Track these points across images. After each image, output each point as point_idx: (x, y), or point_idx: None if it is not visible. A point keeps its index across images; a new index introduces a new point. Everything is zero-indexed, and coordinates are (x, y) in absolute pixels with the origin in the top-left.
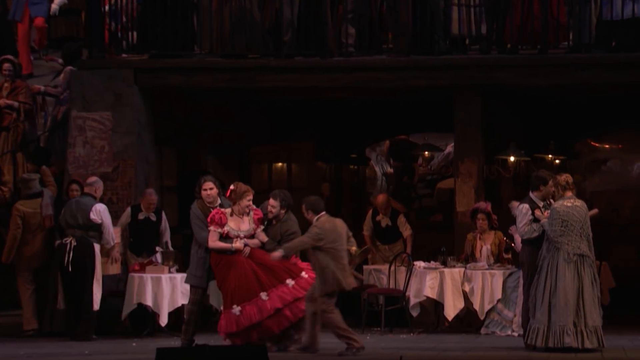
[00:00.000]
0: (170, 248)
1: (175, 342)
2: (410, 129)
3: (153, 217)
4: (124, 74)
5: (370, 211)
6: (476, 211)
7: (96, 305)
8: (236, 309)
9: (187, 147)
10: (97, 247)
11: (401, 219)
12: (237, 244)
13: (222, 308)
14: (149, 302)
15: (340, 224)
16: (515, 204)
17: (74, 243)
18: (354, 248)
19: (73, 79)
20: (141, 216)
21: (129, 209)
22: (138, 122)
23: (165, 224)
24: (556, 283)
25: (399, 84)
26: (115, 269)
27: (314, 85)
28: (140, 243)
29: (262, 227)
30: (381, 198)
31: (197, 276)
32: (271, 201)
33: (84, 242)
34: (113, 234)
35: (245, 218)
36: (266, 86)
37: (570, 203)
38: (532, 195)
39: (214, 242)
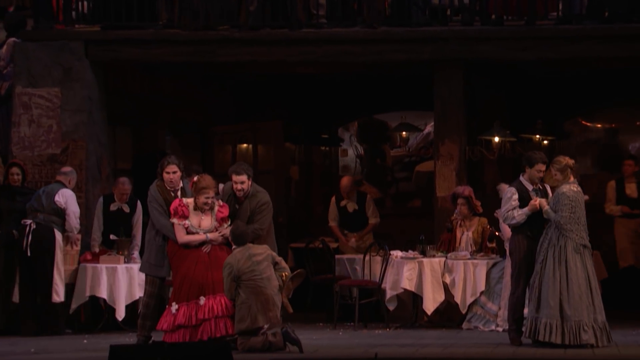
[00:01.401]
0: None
1: (130, 339)
2: (386, 107)
3: (126, 208)
4: (74, 47)
5: (334, 197)
6: (456, 196)
7: (58, 297)
8: (174, 307)
9: (144, 126)
10: (58, 234)
11: (369, 202)
12: (213, 235)
13: None
14: (103, 294)
15: (260, 250)
16: (504, 186)
17: (33, 226)
18: (285, 274)
19: (17, 52)
20: (114, 207)
21: (100, 200)
22: (89, 99)
23: (138, 215)
24: (567, 275)
25: (374, 58)
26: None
27: (281, 59)
28: (113, 233)
29: (226, 225)
30: (345, 181)
31: (154, 265)
32: (237, 177)
33: (44, 226)
34: (77, 222)
35: (208, 214)
36: (230, 60)
37: (576, 188)
38: (521, 178)
39: (182, 237)
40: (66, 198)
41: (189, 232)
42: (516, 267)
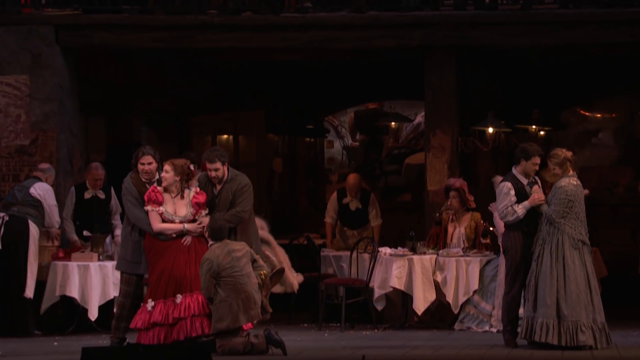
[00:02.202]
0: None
1: (104, 341)
2: (374, 96)
3: (101, 195)
4: (43, 32)
5: (335, 193)
6: (448, 189)
7: (29, 292)
8: (150, 304)
9: (118, 116)
10: (33, 227)
11: (374, 202)
12: (191, 225)
13: None
14: (74, 294)
15: (239, 247)
16: (498, 179)
17: (6, 218)
18: (263, 272)
19: None
20: (88, 195)
21: (72, 189)
22: (60, 87)
23: (115, 201)
24: (565, 272)
25: (362, 44)
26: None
27: (264, 45)
28: (89, 226)
29: (205, 210)
30: (352, 178)
31: (130, 262)
32: (210, 165)
33: (18, 217)
34: (57, 216)
35: (183, 201)
36: (209, 46)
37: (575, 182)
38: (514, 171)
39: (157, 224)
40: (43, 191)
41: (164, 220)
42: (512, 264)
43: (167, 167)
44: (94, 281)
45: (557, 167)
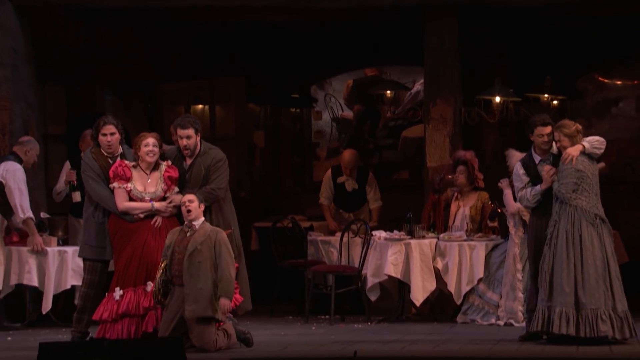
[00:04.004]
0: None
1: (64, 335)
2: (367, 61)
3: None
4: None
5: (329, 172)
6: (457, 163)
7: None
8: (118, 293)
9: (79, 84)
10: None
11: (372, 182)
12: (160, 204)
13: None
14: (33, 282)
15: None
16: (512, 152)
17: None
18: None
19: None
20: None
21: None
22: (13, 52)
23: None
24: (582, 254)
25: (354, 2)
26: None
27: (244, 4)
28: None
29: (176, 188)
30: (348, 154)
31: (95, 247)
32: (182, 131)
33: None
34: (25, 205)
35: (154, 176)
36: (182, 5)
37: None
38: (532, 149)
39: (123, 202)
40: (12, 173)
41: (132, 199)
42: (533, 250)
43: (153, 140)
44: (51, 269)
45: (565, 139)
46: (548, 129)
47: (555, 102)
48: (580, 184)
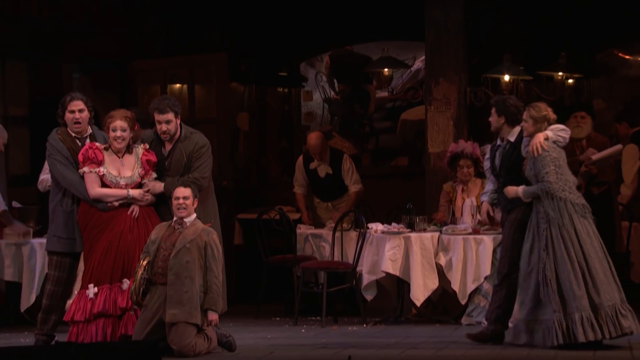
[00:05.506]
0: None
1: (27, 339)
2: (362, 36)
3: None
4: None
5: (301, 158)
6: (457, 156)
7: None
8: (91, 290)
9: (43, 61)
10: None
11: (347, 164)
12: (137, 192)
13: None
14: (7, 277)
15: None
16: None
17: None
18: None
19: None
20: None
21: None
22: None
23: None
24: (583, 251)
25: None
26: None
27: None
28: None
29: (153, 174)
30: (313, 138)
31: (64, 239)
32: (160, 116)
33: None
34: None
35: (128, 159)
36: None
37: (550, 138)
38: None
39: (95, 188)
40: None
41: (106, 185)
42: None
43: (121, 123)
44: (27, 263)
45: (530, 121)
46: (492, 110)
47: (570, 80)
48: (560, 172)
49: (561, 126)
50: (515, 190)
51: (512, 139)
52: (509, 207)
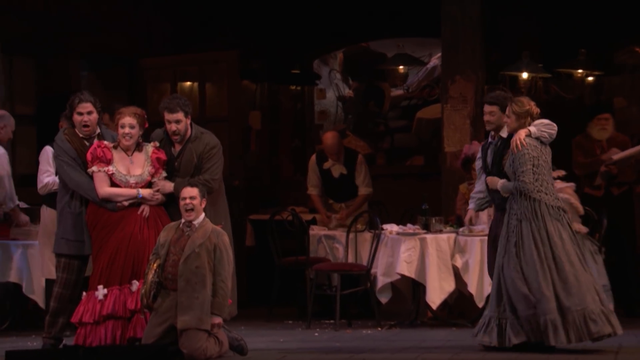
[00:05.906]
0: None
1: (34, 342)
2: (377, 32)
3: None
4: None
5: (314, 157)
6: (469, 160)
7: None
8: (101, 292)
9: (51, 58)
10: None
11: (361, 166)
12: (147, 191)
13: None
14: (17, 279)
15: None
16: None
17: None
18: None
19: None
20: None
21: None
22: None
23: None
24: (553, 253)
25: None
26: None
27: None
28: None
29: (163, 173)
30: (330, 137)
31: (72, 241)
32: (170, 115)
33: None
34: (11, 190)
35: (138, 157)
36: None
37: (533, 135)
38: None
39: (104, 188)
40: None
41: (115, 184)
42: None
43: (130, 120)
44: (37, 263)
45: (512, 117)
46: (492, 108)
47: (590, 78)
48: (537, 172)
49: (546, 121)
50: (496, 182)
51: (504, 135)
52: (502, 207)
